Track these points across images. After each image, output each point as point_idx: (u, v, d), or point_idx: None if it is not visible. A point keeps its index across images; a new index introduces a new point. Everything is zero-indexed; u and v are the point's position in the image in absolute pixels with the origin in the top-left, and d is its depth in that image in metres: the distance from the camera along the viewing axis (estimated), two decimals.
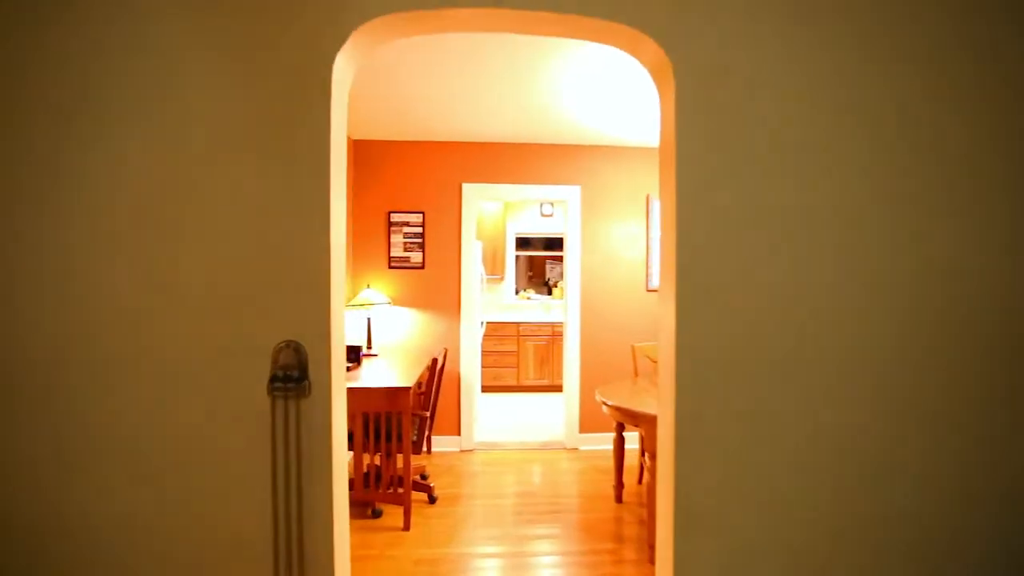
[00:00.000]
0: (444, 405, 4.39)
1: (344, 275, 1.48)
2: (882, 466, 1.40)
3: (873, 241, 1.40)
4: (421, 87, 3.24)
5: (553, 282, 7.48)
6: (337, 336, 1.38)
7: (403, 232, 4.39)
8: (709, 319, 1.38)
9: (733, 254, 1.40)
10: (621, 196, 4.51)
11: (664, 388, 1.47)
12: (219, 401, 1.30)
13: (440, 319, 4.40)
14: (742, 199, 1.38)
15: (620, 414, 2.83)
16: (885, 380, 1.40)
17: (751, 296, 1.39)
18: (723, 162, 1.38)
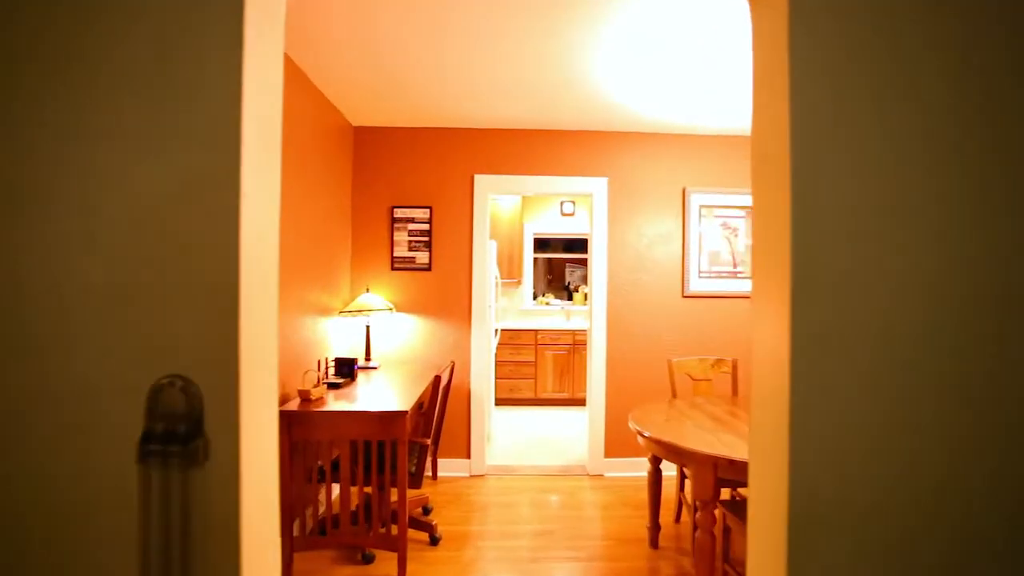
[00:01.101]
0: (452, 425, 3.90)
1: (275, 277, 1.01)
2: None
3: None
4: (427, 63, 2.77)
5: (574, 286, 6.97)
6: (257, 368, 0.89)
7: (408, 230, 3.92)
8: (833, 320, 0.88)
9: (872, 241, 0.89)
10: (653, 189, 3.98)
11: (768, 430, 0.96)
12: (58, 473, 0.82)
13: (448, 327, 3.92)
14: (881, 174, 0.88)
15: (662, 449, 2.31)
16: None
17: (893, 295, 0.88)
18: (856, 129, 0.87)
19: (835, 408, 0.89)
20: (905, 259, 0.90)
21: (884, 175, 0.89)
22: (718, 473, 2.09)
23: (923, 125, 0.88)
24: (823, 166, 0.89)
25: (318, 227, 3.20)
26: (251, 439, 0.86)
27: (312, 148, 3.08)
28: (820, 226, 0.88)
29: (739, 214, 3.96)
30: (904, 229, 0.90)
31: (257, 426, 0.89)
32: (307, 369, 2.88)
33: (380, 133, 3.91)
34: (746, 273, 3.98)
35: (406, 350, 3.90)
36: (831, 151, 0.89)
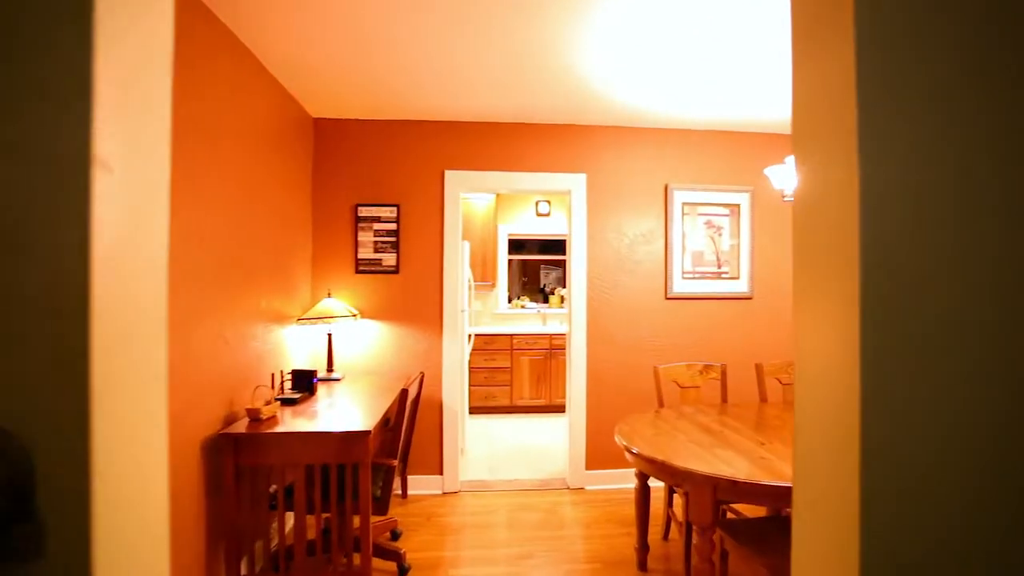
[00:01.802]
0: (423, 439, 3.63)
1: (162, 282, 0.75)
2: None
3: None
4: (393, 50, 2.51)
5: (550, 289, 6.76)
6: (129, 406, 0.63)
7: (373, 229, 3.64)
8: (909, 325, 0.67)
9: (947, 234, 0.68)
10: (634, 186, 3.79)
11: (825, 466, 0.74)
12: None
13: (418, 333, 3.65)
14: (954, 154, 0.67)
15: (653, 468, 2.09)
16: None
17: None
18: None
19: (914, 431, 0.68)
20: (981, 256, 0.69)
21: (957, 155, 0.68)
22: (718, 495, 1.89)
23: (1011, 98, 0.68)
24: (896, 141, 0.67)
25: (273, 227, 2.90)
26: (117, 518, 0.60)
27: (266, 141, 2.79)
28: (895, 216, 0.67)
29: (723, 212, 3.80)
30: (979, 221, 0.69)
31: (132, 495, 0.63)
32: (258, 385, 2.58)
33: (342, 126, 3.62)
34: (731, 273, 3.82)
35: (372, 359, 3.62)
36: (907, 122, 0.67)
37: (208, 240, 2.18)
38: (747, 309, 3.86)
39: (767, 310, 3.87)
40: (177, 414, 1.95)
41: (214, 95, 2.22)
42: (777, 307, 3.88)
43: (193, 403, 2.07)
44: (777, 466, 1.92)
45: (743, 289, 3.82)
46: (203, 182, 2.14)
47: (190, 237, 2.04)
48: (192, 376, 2.06)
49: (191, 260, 2.05)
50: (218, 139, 2.26)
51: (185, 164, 2.00)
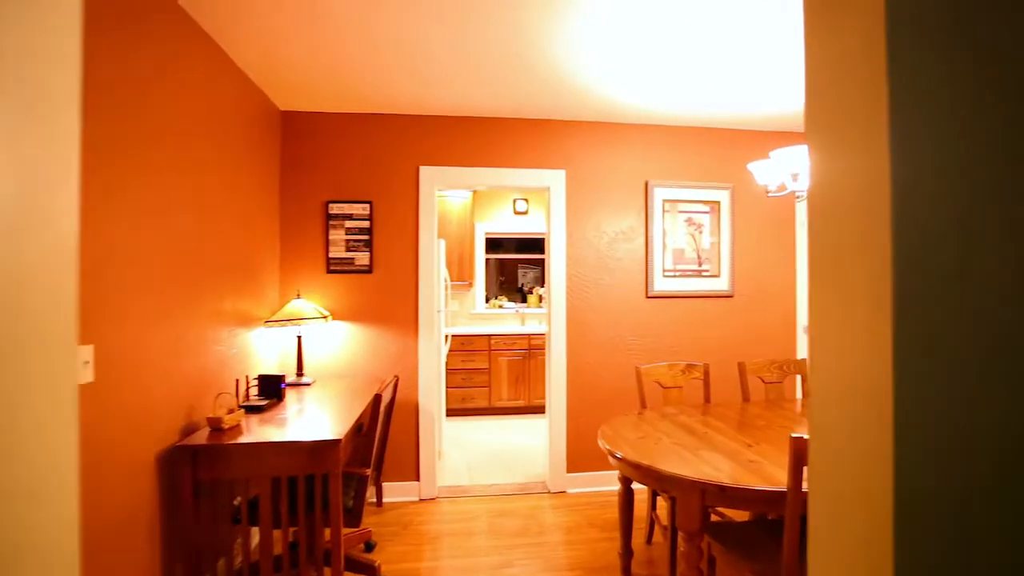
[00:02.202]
0: (398, 444, 3.51)
1: (72, 287, 0.63)
2: None
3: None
4: (365, 40, 2.38)
5: (528, 288, 6.68)
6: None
7: (345, 227, 3.50)
8: (945, 326, 0.60)
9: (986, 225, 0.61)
10: (614, 182, 3.73)
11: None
12: None
13: (393, 335, 3.52)
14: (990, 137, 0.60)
15: (639, 474, 2.01)
16: None
17: None
18: None
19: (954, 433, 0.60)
20: (1017, 250, 0.62)
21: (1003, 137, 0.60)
22: (706, 500, 1.82)
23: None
24: (934, 123, 0.59)
25: (238, 224, 2.75)
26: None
27: (229, 133, 2.63)
28: (932, 207, 0.59)
29: (704, 209, 3.77)
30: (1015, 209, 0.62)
31: (30, 517, 0.51)
32: (220, 392, 2.43)
33: (312, 119, 3.47)
34: (712, 271, 3.78)
35: (345, 362, 3.48)
36: (947, 101, 0.60)
37: (164, 237, 2.03)
38: (728, 307, 3.83)
39: (748, 308, 3.85)
40: (128, 425, 1.80)
41: (172, 85, 2.06)
42: (758, 305, 3.86)
43: (148, 413, 1.91)
44: (767, 469, 1.86)
45: (724, 287, 3.79)
46: (158, 176, 1.98)
47: (144, 234, 1.89)
48: (147, 384, 1.91)
49: (144, 258, 1.90)
50: (176, 131, 2.11)
51: (137, 157, 1.85)
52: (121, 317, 1.75)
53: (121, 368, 1.75)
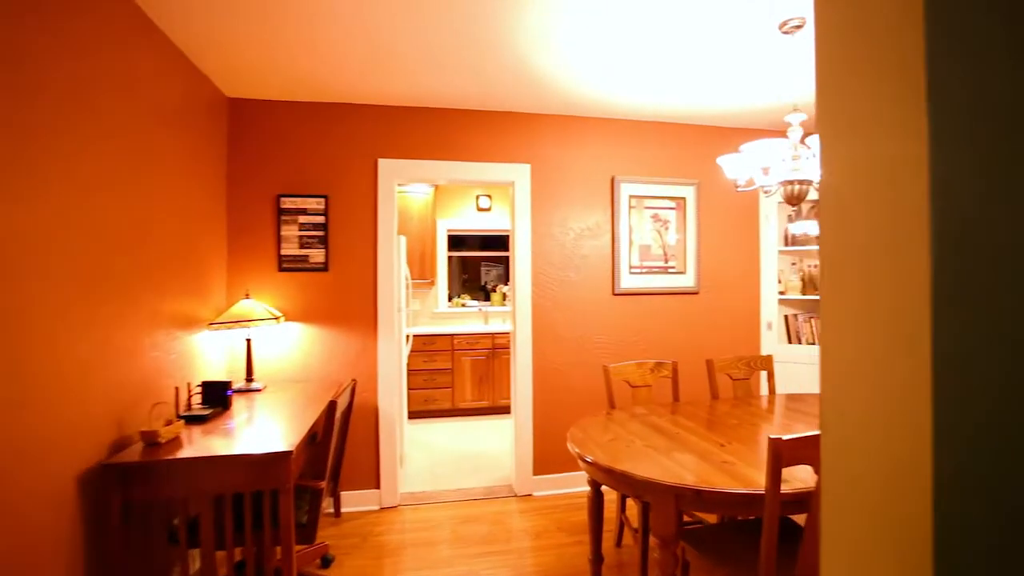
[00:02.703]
0: (357, 451, 3.34)
1: None
2: None
3: None
4: (321, 24, 2.21)
5: (491, 286, 6.56)
6: None
7: (299, 223, 3.30)
8: (985, 326, 0.52)
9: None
10: (580, 177, 3.65)
11: None
12: None
13: (351, 336, 3.34)
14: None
15: (611, 479, 1.93)
16: None
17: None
18: None
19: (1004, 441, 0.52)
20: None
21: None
22: (680, 505, 1.75)
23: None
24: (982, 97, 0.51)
25: (179, 218, 2.52)
26: None
27: (169, 120, 2.41)
28: (977, 198, 0.51)
29: (670, 205, 3.74)
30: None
31: None
32: (157, 402, 2.21)
33: (262, 108, 3.25)
34: (678, 268, 3.76)
35: (298, 366, 3.28)
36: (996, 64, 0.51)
37: (92, 228, 1.81)
38: (694, 304, 3.81)
39: (713, 305, 3.84)
40: (41, 445, 1.59)
41: (103, 66, 1.85)
42: (723, 301, 3.86)
43: (68, 429, 1.70)
44: (742, 470, 1.80)
45: (690, 284, 3.77)
46: (84, 158, 1.77)
47: (66, 223, 1.68)
48: (66, 396, 1.70)
49: (65, 251, 1.69)
50: (107, 111, 1.89)
51: (58, 135, 1.64)
52: (33, 318, 1.54)
53: (30, 379, 1.54)
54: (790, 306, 3.93)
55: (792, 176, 2.23)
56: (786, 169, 2.24)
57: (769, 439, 1.53)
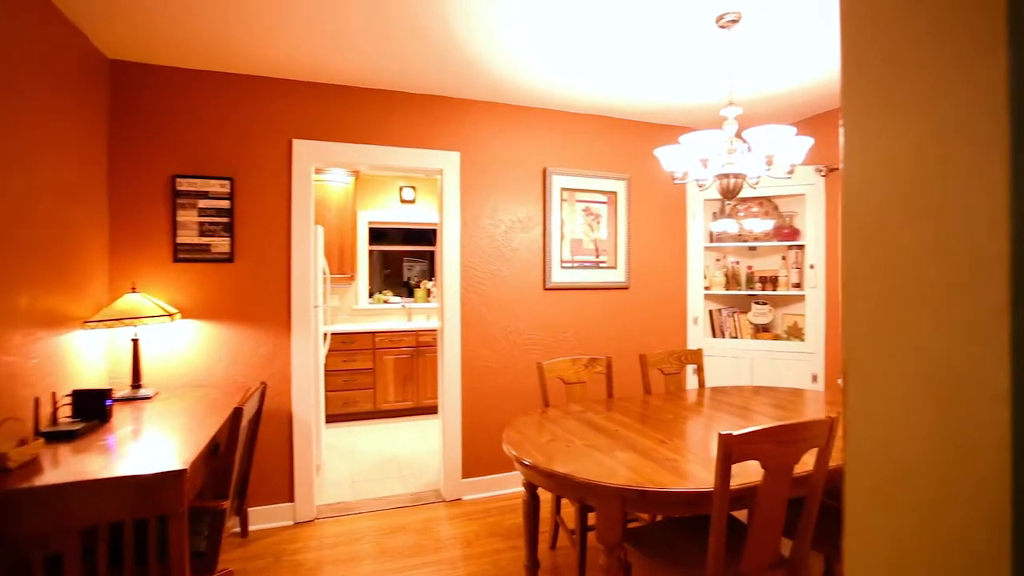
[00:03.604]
0: (268, 461, 3.01)
1: None
2: None
3: None
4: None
5: (415, 282, 6.31)
6: None
7: (199, 208, 2.92)
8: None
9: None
10: (512, 168, 3.53)
11: None
12: None
13: (260, 334, 3.01)
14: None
15: (553, 483, 1.81)
16: None
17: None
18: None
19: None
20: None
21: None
22: (627, 507, 1.67)
23: None
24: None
25: (44, 197, 2.11)
26: None
27: (26, 82, 2.00)
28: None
29: (601, 199, 3.70)
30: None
31: None
32: (6, 417, 1.82)
33: (155, 74, 2.84)
34: (608, 263, 3.73)
35: (199, 369, 2.90)
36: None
37: None
38: (624, 299, 3.81)
39: (642, 299, 3.86)
40: None
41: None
42: (652, 296, 3.89)
43: None
44: (686, 467, 1.75)
45: (620, 279, 3.76)
46: None
47: None
48: None
49: None
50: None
51: None
52: None
53: None
54: (714, 301, 4.04)
55: (728, 170, 2.23)
56: (722, 163, 2.23)
57: (719, 435, 1.47)
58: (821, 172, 3.57)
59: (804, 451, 1.57)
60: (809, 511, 1.66)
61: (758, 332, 3.87)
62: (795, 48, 2.62)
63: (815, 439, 1.58)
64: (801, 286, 3.70)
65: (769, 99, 3.30)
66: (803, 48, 2.62)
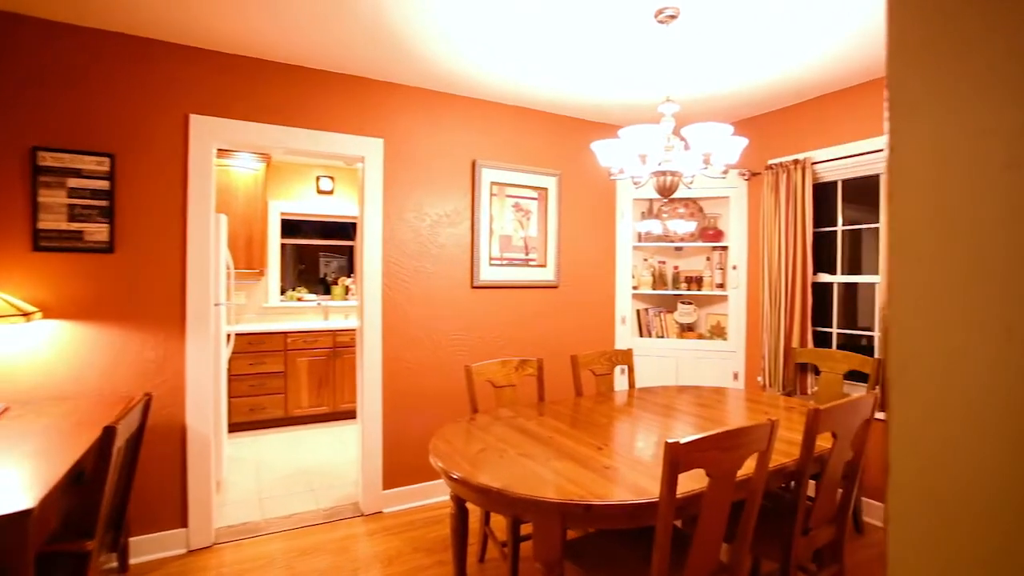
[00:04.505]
0: (155, 483, 2.63)
1: None
2: None
3: None
4: None
5: (332, 279, 5.92)
6: None
7: (68, 188, 2.48)
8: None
9: None
10: (439, 158, 3.33)
11: None
12: None
13: (148, 336, 2.62)
14: None
15: (486, 499, 1.66)
16: None
17: None
18: None
19: None
20: None
21: None
22: (568, 523, 1.55)
23: None
24: None
25: None
26: None
27: None
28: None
29: (532, 195, 3.59)
30: None
31: None
32: None
33: (22, 25, 2.37)
34: (538, 261, 3.63)
35: (66, 378, 2.47)
36: None
37: None
38: (554, 298, 3.73)
39: (572, 299, 3.80)
40: None
41: None
42: (581, 296, 3.84)
43: None
44: (627, 477, 1.66)
45: (550, 277, 3.67)
46: None
47: None
48: None
49: None
50: None
51: None
52: None
53: None
54: (642, 300, 4.07)
55: (664, 167, 2.18)
56: (659, 160, 2.18)
57: (666, 444, 1.38)
58: (744, 176, 3.68)
59: (747, 456, 1.52)
60: (749, 515, 1.63)
61: (683, 331, 3.93)
62: (731, 49, 2.64)
63: (758, 443, 1.54)
64: (724, 286, 3.80)
65: (703, 100, 3.33)
66: (739, 49, 2.64)
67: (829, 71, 2.90)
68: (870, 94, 3.05)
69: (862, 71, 2.90)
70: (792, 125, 3.46)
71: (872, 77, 2.99)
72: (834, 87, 3.15)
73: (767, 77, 2.99)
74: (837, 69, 2.87)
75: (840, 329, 3.31)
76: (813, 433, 1.69)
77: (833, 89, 3.19)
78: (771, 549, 1.90)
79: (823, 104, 3.28)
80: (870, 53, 2.67)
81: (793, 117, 3.45)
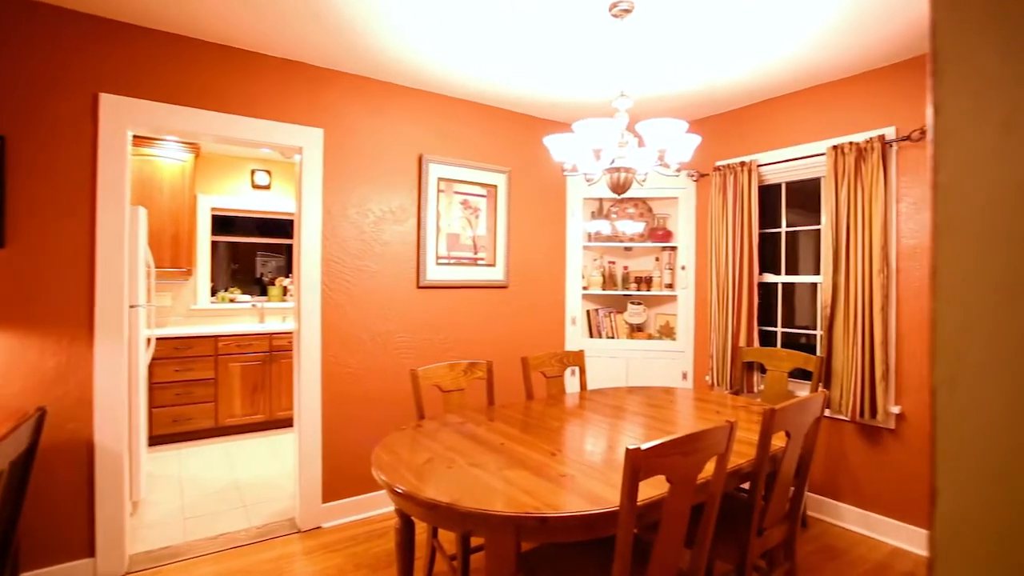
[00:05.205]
0: (57, 509, 2.33)
1: None
2: None
3: None
4: None
5: (269, 279, 5.59)
6: None
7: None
8: None
9: None
10: (384, 151, 3.17)
11: None
12: None
13: (47, 343, 2.32)
14: None
15: (432, 515, 1.53)
16: None
17: None
18: None
19: None
20: None
21: None
22: (522, 537, 1.44)
23: None
24: None
25: None
26: None
27: None
28: None
29: (480, 192, 3.48)
30: None
31: None
32: None
33: None
34: (487, 260, 3.53)
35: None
36: None
37: None
38: (503, 298, 3.63)
39: (522, 299, 3.72)
40: None
41: None
42: (531, 296, 3.76)
43: None
44: (584, 484, 1.58)
45: (499, 277, 3.57)
46: None
47: None
48: None
49: None
50: None
51: None
52: None
53: None
54: (592, 301, 4.03)
55: (618, 163, 2.12)
56: (612, 156, 2.12)
57: (627, 451, 1.31)
58: (693, 177, 3.71)
59: (707, 459, 1.47)
60: (708, 519, 1.58)
61: (633, 332, 3.93)
62: (684, 48, 2.62)
63: (717, 446, 1.50)
64: (673, 286, 3.82)
65: (655, 100, 3.33)
66: (691, 48, 2.63)
67: (779, 74, 2.95)
68: (813, 99, 3.13)
69: (809, 76, 2.97)
70: (740, 127, 3.51)
71: (820, 82, 3.06)
72: (782, 91, 3.22)
73: (718, 78, 3.01)
74: (786, 72, 2.92)
75: (784, 328, 3.39)
76: (769, 433, 1.67)
77: (780, 93, 3.26)
78: (726, 551, 1.87)
79: (770, 108, 3.35)
80: (823, 56, 2.72)
81: (741, 120, 3.51)
